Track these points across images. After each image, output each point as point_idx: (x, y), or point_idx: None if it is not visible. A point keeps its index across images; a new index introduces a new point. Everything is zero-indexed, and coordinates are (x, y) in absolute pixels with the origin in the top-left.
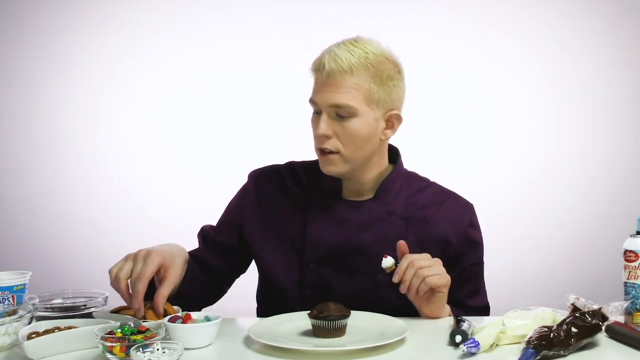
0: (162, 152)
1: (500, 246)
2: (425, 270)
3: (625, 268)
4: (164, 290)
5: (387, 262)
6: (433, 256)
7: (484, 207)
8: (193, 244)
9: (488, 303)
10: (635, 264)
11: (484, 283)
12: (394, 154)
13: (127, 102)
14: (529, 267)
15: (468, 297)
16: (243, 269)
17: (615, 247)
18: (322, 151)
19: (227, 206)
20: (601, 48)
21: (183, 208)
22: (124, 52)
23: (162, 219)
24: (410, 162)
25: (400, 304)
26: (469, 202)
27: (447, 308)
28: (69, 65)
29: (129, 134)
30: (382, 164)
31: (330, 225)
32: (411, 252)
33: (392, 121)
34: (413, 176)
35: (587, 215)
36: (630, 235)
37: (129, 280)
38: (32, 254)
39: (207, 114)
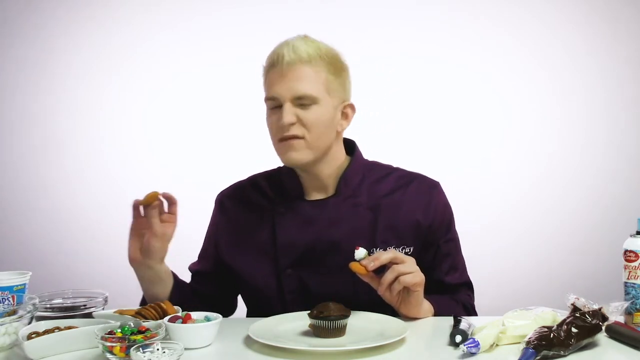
0: (163, 153)
1: (500, 246)
2: (401, 267)
3: (625, 268)
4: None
5: (360, 253)
6: (407, 239)
7: (485, 207)
8: (192, 244)
9: (469, 280)
10: (635, 264)
11: (462, 259)
12: (350, 146)
13: (126, 102)
14: (530, 267)
15: (447, 274)
16: (234, 292)
17: (615, 247)
18: (284, 139)
19: (205, 235)
20: (603, 48)
21: (184, 208)
22: (124, 52)
23: None
24: (410, 162)
25: (380, 298)
26: (434, 181)
27: (427, 307)
28: (68, 64)
29: (129, 134)
30: (339, 157)
31: (298, 226)
32: (383, 239)
33: (347, 112)
34: (375, 165)
35: (587, 215)
36: (630, 235)
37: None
38: (32, 254)
39: (209, 114)
